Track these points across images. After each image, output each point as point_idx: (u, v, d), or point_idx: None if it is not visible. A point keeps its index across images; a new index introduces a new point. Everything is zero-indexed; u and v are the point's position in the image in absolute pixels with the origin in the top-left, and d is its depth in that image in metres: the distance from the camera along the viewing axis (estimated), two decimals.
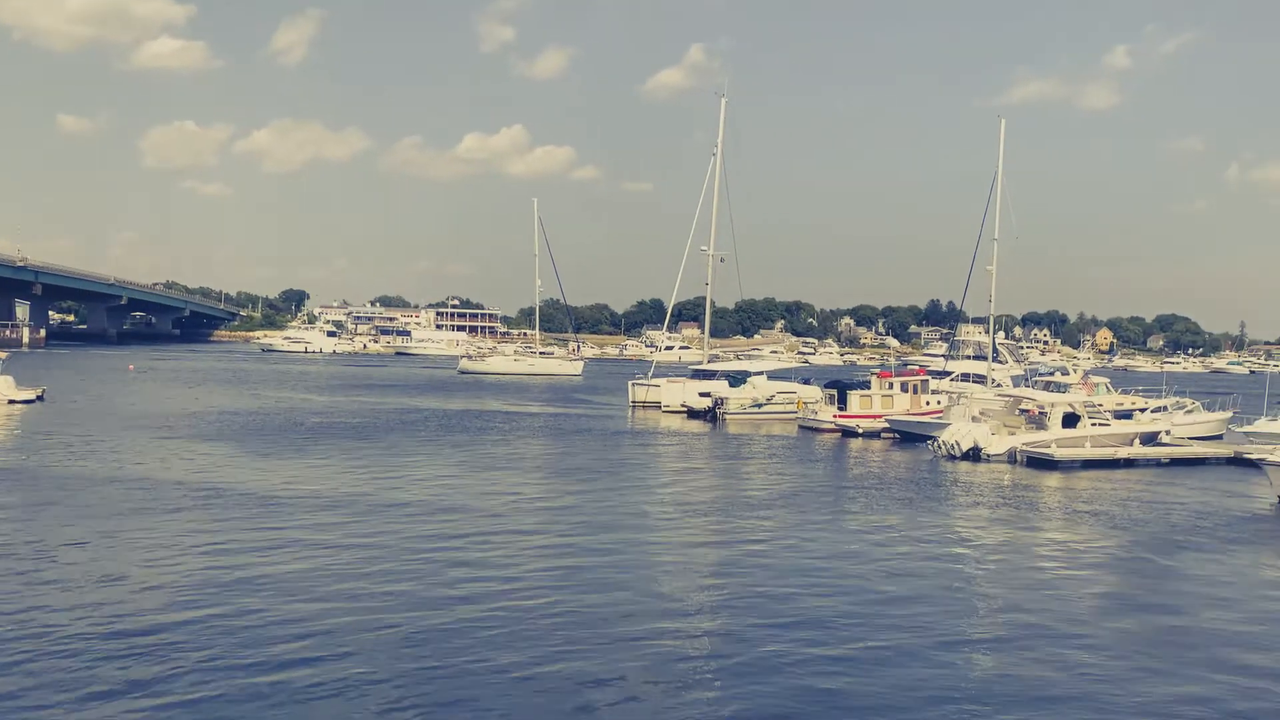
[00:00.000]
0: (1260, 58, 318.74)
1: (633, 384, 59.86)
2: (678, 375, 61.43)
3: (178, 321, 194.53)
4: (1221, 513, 26.69)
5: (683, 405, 54.95)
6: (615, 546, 19.74)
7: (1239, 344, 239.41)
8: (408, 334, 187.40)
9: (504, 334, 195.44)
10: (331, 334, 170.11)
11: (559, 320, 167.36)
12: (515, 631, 13.79)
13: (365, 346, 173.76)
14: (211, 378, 77.34)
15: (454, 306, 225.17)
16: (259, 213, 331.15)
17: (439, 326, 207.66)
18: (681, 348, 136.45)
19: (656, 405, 56.51)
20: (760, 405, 52.80)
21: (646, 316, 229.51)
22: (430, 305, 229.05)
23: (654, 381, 58.64)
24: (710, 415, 51.86)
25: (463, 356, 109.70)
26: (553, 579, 16.84)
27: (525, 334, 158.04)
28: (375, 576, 16.55)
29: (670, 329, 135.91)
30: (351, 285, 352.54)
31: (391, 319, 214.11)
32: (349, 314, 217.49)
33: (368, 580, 16.30)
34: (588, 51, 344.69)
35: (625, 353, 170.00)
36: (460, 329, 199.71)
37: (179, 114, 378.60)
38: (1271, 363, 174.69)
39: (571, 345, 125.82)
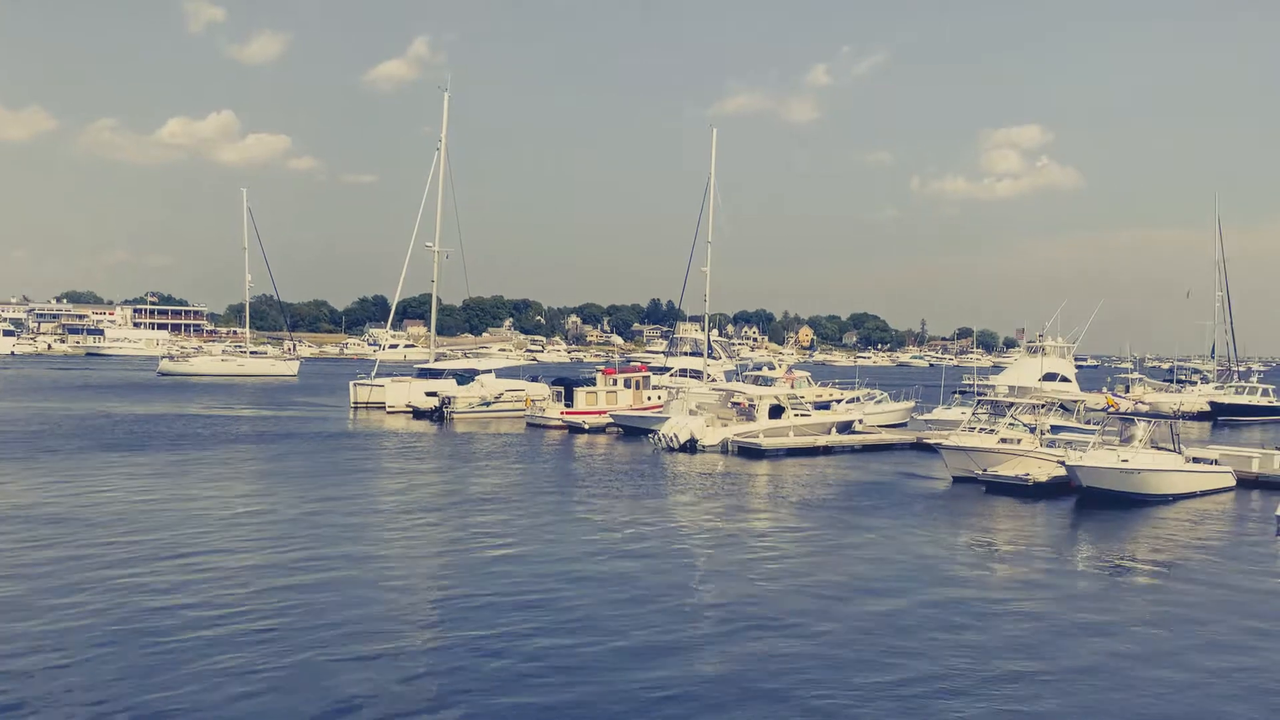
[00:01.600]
0: (936, 81, 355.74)
1: (354, 384, 57.79)
2: (403, 375, 59.98)
3: None
4: (905, 492, 29.51)
5: (408, 405, 53.72)
6: (336, 556, 18.94)
7: (920, 339, 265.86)
8: (100, 333, 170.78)
9: (211, 332, 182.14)
10: (9, 333, 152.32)
11: (273, 318, 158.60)
12: (231, 655, 12.90)
13: (50, 347, 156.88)
14: None
15: (154, 303, 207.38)
16: None
17: (137, 325, 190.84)
18: (407, 346, 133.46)
19: (380, 406, 54.91)
20: (488, 404, 52.63)
21: (369, 314, 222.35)
22: (127, 302, 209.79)
23: (377, 381, 56.89)
24: (437, 415, 51.03)
25: (163, 357, 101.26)
26: (268, 596, 15.90)
27: (235, 332, 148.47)
28: (61, 605, 14.94)
29: (395, 327, 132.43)
30: (33, 279, 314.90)
31: (81, 317, 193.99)
32: (30, 311, 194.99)
33: (52, 609, 14.69)
34: (305, 38, 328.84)
35: (346, 352, 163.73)
36: (162, 327, 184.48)
37: None
38: (947, 357, 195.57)
39: (287, 344, 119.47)
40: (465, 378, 55.83)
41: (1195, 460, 31.42)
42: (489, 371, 57.60)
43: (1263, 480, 31.77)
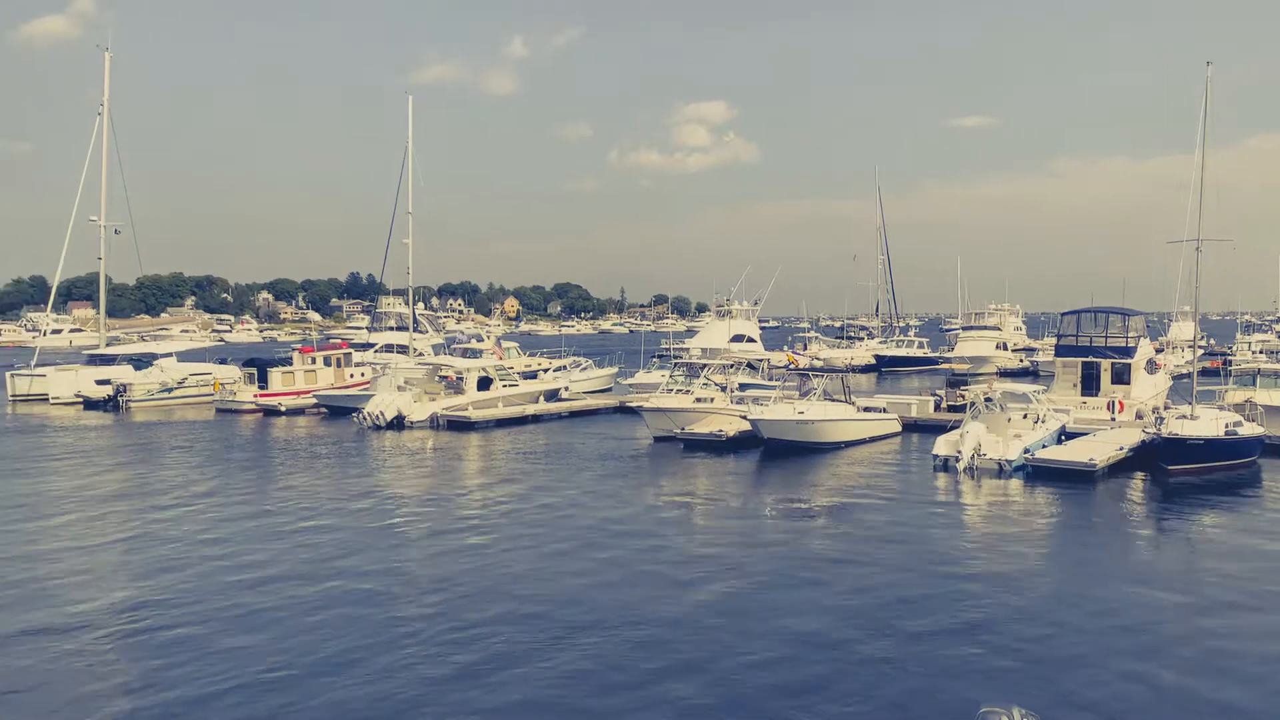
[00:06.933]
0: (631, 55, 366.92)
1: (11, 375, 51.56)
2: (70, 362, 54.25)
3: None
4: (613, 453, 30.60)
5: (77, 395, 48.76)
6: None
7: (620, 307, 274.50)
8: None
9: None
10: None
11: None
12: None
13: None
14: None
15: None
16: None
17: None
18: (73, 331, 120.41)
19: (43, 397, 49.40)
20: (170, 390, 48.81)
21: (27, 296, 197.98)
22: None
23: (39, 370, 51.11)
24: (112, 405, 46.72)
25: None
26: None
27: None
28: None
29: (57, 310, 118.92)
30: None
31: None
32: None
33: None
34: None
35: (0, 340, 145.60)
36: None
37: None
38: (645, 323, 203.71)
39: None
40: (143, 363, 51.38)
41: (866, 409, 34.85)
42: (170, 355, 53.28)
43: (920, 424, 35.77)
